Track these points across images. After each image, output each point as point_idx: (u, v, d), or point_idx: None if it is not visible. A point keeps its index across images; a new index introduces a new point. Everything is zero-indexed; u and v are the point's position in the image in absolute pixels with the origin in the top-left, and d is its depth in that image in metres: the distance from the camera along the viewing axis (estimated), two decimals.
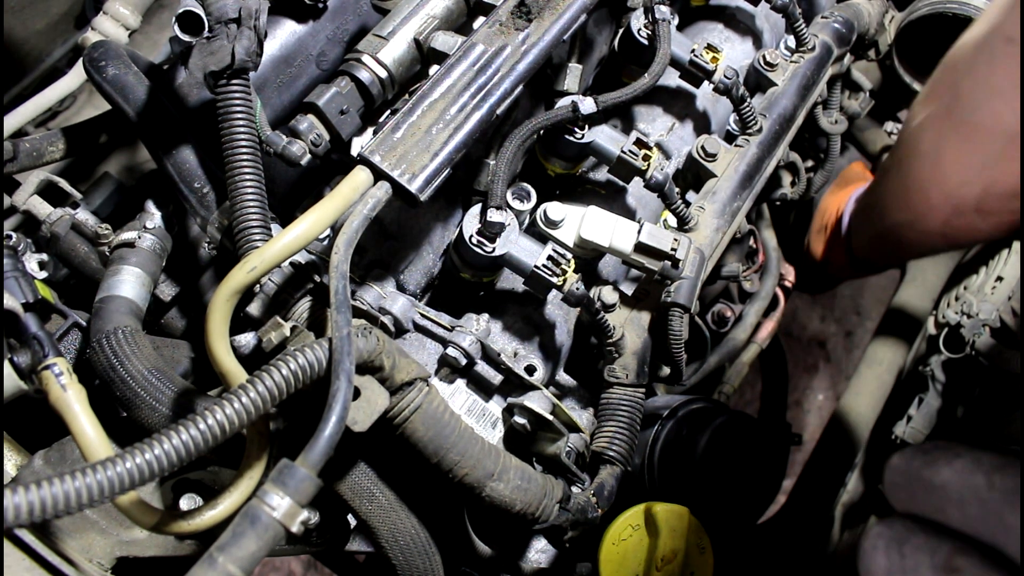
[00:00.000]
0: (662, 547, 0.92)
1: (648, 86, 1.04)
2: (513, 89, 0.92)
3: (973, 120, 1.07)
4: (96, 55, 0.98)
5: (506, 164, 0.95)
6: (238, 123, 0.81)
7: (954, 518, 0.58)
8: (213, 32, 0.80)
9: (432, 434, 0.80)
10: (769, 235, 1.76)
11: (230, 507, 0.76)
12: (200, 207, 0.94)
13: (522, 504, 0.85)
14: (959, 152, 1.11)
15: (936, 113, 1.15)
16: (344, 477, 0.87)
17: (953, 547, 0.56)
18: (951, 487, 0.58)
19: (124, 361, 0.85)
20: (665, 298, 0.98)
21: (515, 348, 1.03)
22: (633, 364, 1.01)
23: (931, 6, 1.46)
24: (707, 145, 1.09)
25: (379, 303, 0.97)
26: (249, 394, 0.65)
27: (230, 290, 0.74)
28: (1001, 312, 1.43)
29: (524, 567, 1.04)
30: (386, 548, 0.91)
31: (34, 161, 1.14)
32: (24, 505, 0.54)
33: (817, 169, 1.74)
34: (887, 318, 1.79)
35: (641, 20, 1.14)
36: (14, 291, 0.85)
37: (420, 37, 1.00)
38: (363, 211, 0.80)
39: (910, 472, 0.62)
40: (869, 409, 1.67)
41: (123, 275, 0.96)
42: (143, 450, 0.60)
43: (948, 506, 0.58)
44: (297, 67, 1.05)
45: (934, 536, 0.58)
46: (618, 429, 0.99)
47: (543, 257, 0.93)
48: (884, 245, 1.51)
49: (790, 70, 1.20)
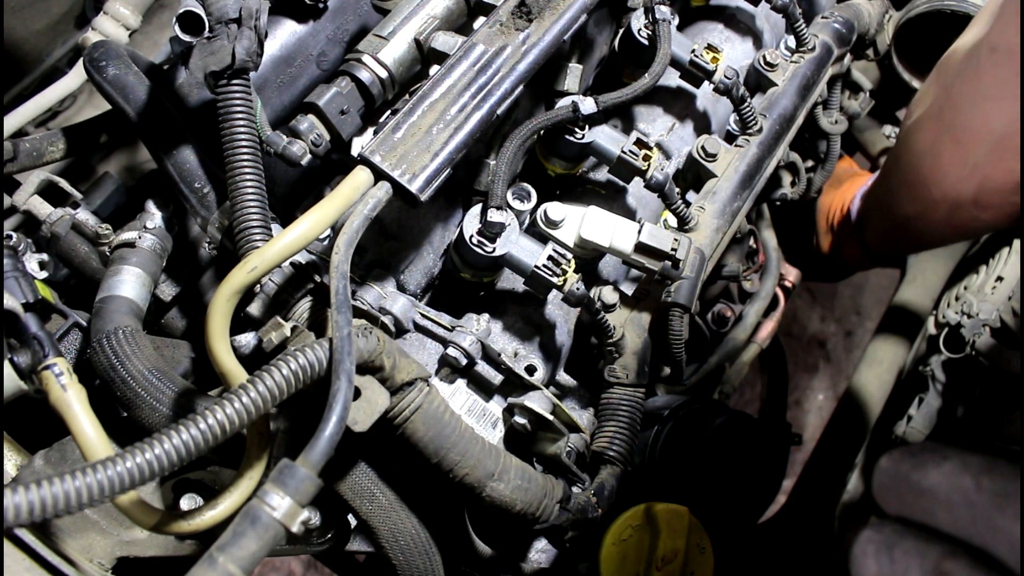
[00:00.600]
0: (662, 547, 0.92)
1: (648, 86, 1.04)
2: (513, 89, 0.92)
3: (962, 123, 1.12)
4: (96, 55, 0.98)
5: (506, 164, 0.95)
6: (238, 123, 0.81)
7: (943, 521, 0.58)
8: (213, 32, 0.80)
9: (432, 434, 0.80)
10: (769, 235, 1.76)
11: (230, 507, 0.76)
12: (200, 207, 0.94)
13: (522, 504, 0.85)
14: (954, 152, 1.15)
15: (930, 113, 1.19)
16: (344, 477, 0.87)
17: (942, 551, 0.56)
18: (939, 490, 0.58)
19: (124, 361, 0.85)
20: (665, 298, 0.98)
21: (515, 348, 1.03)
22: (633, 364, 1.01)
23: (929, 3, 1.47)
24: (707, 145, 1.09)
25: (379, 303, 0.97)
26: (249, 394, 0.65)
27: (230, 290, 0.74)
28: (1001, 312, 1.43)
29: (524, 567, 1.04)
30: (386, 548, 0.91)
31: (34, 161, 1.14)
32: (24, 505, 0.54)
33: (817, 169, 1.74)
34: (887, 318, 1.79)
35: (641, 20, 1.14)
36: (14, 291, 0.85)
37: (420, 37, 1.00)
38: (363, 211, 0.80)
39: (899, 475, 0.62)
40: (869, 409, 1.67)
41: (123, 275, 0.96)
42: (143, 450, 0.60)
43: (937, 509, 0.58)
44: (297, 67, 1.05)
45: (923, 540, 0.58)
46: (618, 429, 0.99)
47: (543, 257, 0.93)
48: (897, 237, 1.54)
49: (790, 70, 1.20)
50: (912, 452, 0.62)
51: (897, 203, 1.35)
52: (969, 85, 1.11)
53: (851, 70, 1.62)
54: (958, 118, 1.13)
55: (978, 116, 1.10)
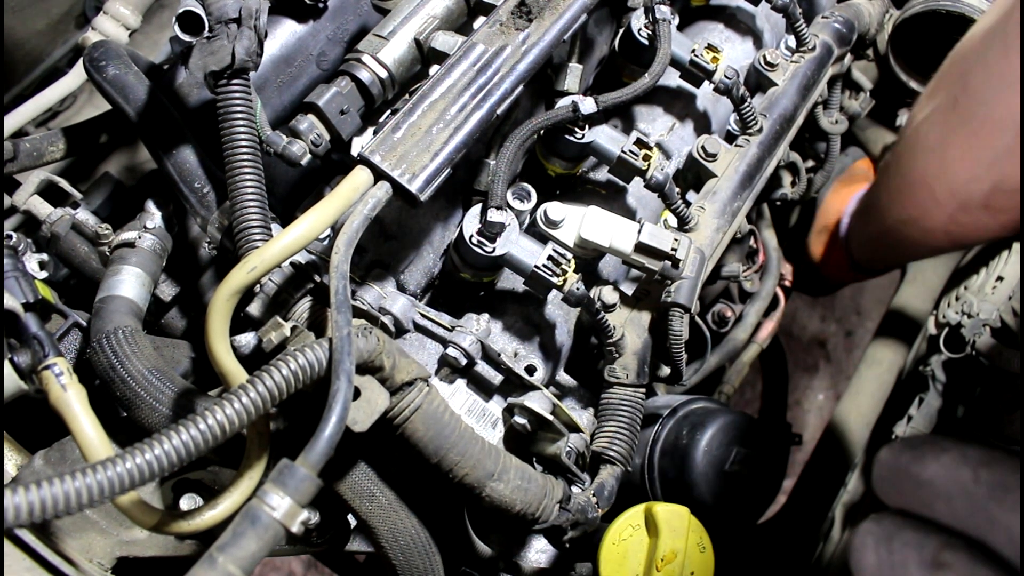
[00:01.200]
0: (662, 547, 0.92)
1: (648, 86, 1.04)
2: (513, 89, 0.92)
3: (983, 113, 1.04)
4: (96, 55, 0.98)
5: (506, 164, 0.95)
6: (238, 123, 0.81)
7: (942, 513, 0.58)
8: (213, 32, 0.80)
9: (432, 434, 0.80)
10: (769, 235, 1.76)
11: (230, 507, 0.76)
12: (200, 207, 0.94)
13: (522, 504, 0.85)
14: (967, 147, 1.07)
15: (942, 106, 1.11)
16: (344, 477, 0.87)
17: (941, 542, 0.57)
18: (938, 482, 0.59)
19: (124, 361, 0.85)
20: (665, 298, 0.98)
21: (515, 348, 1.03)
22: (633, 364, 1.01)
23: (925, 3, 1.47)
24: (707, 145, 1.09)
25: (379, 303, 0.97)
26: (249, 394, 0.65)
27: (230, 290, 0.74)
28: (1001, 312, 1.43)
29: (524, 567, 1.04)
30: (386, 548, 0.91)
31: (34, 161, 1.14)
32: (24, 505, 0.54)
33: (817, 169, 1.74)
34: (887, 318, 1.79)
35: (641, 20, 1.14)
36: (14, 291, 0.85)
37: (420, 37, 1.00)
38: (363, 211, 0.79)
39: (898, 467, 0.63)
40: (869, 409, 1.67)
41: (123, 275, 0.96)
42: (143, 450, 0.60)
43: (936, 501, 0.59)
44: (297, 67, 1.05)
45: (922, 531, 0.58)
46: (618, 429, 0.99)
47: (543, 257, 0.93)
48: (884, 245, 1.50)
49: (790, 70, 1.20)
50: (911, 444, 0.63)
51: (891, 206, 1.31)
52: (993, 69, 1.00)
53: (851, 70, 1.62)
54: (977, 106, 1.04)
55: (1002, 103, 1.00)
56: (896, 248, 1.47)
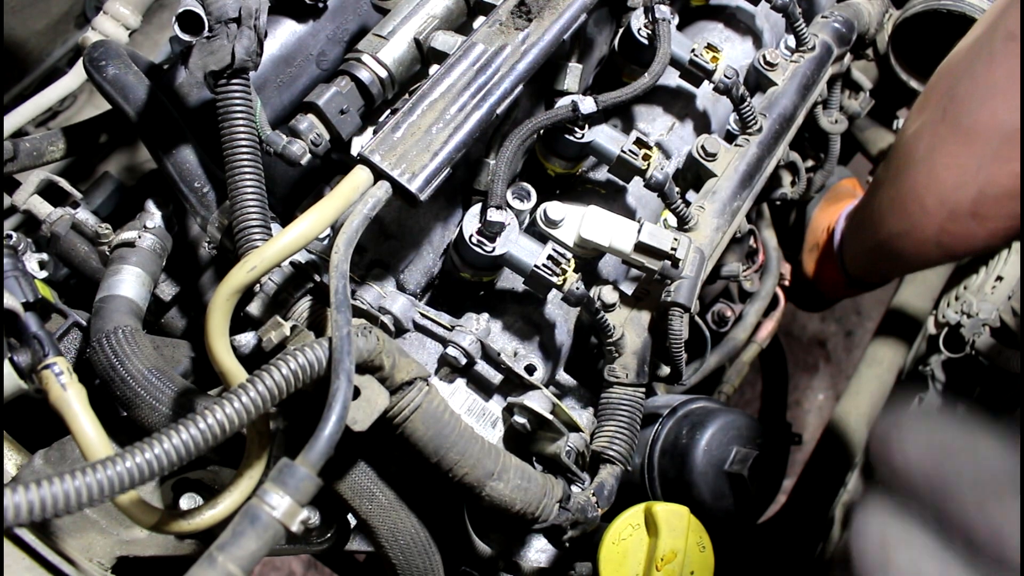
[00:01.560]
0: (662, 547, 0.92)
1: (648, 86, 1.04)
2: (513, 89, 0.92)
3: (969, 121, 1.07)
4: (96, 55, 0.98)
5: (506, 164, 0.95)
6: (238, 123, 0.81)
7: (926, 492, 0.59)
8: (213, 32, 0.80)
9: (432, 434, 0.80)
10: (769, 235, 1.76)
11: (230, 506, 0.76)
12: (200, 207, 0.94)
13: (522, 504, 0.85)
14: (955, 155, 1.10)
15: (931, 119, 1.15)
16: (344, 477, 0.87)
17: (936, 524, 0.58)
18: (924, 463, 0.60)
19: (124, 361, 0.85)
20: (665, 298, 0.98)
21: (515, 348, 1.03)
22: (633, 364, 1.01)
23: (925, 3, 1.47)
24: (707, 145, 1.09)
25: (379, 303, 0.97)
26: (249, 393, 0.65)
27: (230, 290, 0.74)
28: (1001, 312, 1.43)
29: (524, 567, 1.04)
30: (386, 548, 0.91)
31: (34, 161, 1.14)
32: (24, 504, 0.54)
33: (817, 169, 1.74)
34: (887, 318, 1.79)
35: (641, 20, 1.14)
36: (14, 291, 0.85)
37: (420, 37, 1.00)
38: (363, 211, 0.80)
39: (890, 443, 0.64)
40: (869, 409, 1.67)
41: (123, 275, 0.96)
42: (143, 449, 0.60)
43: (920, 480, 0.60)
44: (297, 67, 1.05)
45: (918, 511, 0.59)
46: (618, 429, 0.99)
47: (543, 257, 0.93)
48: (878, 259, 1.50)
49: (790, 70, 1.20)
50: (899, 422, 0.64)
51: (884, 219, 1.32)
52: (979, 78, 1.05)
53: (851, 70, 1.62)
54: (964, 115, 1.08)
55: (987, 111, 1.05)
56: (890, 261, 1.47)
